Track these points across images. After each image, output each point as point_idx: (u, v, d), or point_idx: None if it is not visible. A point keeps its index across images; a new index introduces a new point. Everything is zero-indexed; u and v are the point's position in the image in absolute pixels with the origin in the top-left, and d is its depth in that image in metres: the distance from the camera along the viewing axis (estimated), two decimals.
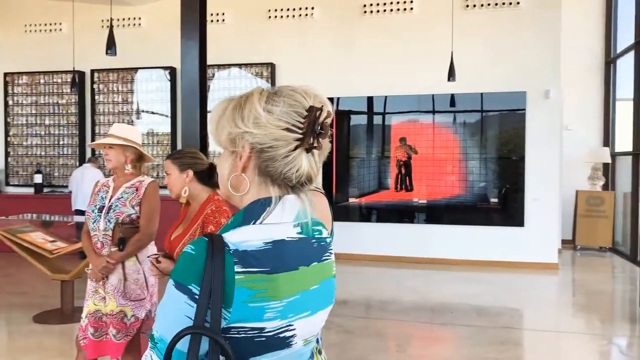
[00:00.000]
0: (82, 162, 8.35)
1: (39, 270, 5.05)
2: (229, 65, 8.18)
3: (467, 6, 7.47)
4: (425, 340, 4.92)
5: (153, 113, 8.55)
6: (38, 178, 8.62)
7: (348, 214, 7.92)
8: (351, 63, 7.80)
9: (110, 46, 6.05)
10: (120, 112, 8.60)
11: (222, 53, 7.74)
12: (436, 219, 7.74)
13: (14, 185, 8.98)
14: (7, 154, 9.01)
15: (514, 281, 6.88)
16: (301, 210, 1.03)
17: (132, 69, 8.49)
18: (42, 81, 8.86)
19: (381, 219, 7.93)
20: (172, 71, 8.30)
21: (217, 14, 8.15)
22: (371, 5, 7.79)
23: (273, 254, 0.97)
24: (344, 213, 7.86)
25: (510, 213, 7.52)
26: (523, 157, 7.40)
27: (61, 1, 8.29)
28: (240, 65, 8.19)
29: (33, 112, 8.91)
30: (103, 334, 2.87)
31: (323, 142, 1.02)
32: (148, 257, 2.73)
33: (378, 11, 7.77)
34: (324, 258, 1.09)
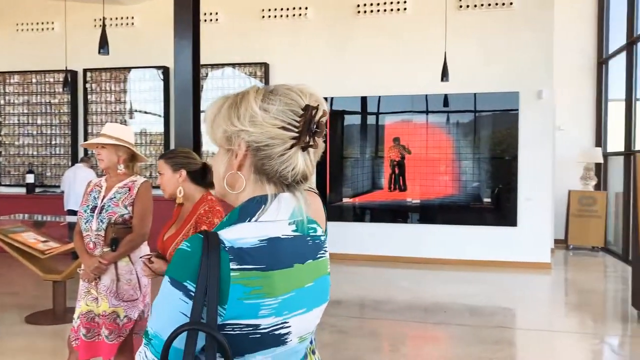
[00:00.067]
0: (75, 162, 8.30)
1: (31, 270, 5.01)
2: (223, 64, 8.16)
3: (461, 6, 7.50)
4: (419, 339, 4.92)
5: (146, 113, 8.51)
6: (30, 178, 8.57)
7: (342, 214, 7.92)
8: (345, 63, 7.80)
9: (102, 45, 6.02)
10: (113, 112, 8.56)
11: (216, 53, 7.73)
12: (429, 219, 7.76)
13: (6, 185, 8.91)
14: None
15: (507, 281, 6.91)
16: (296, 208, 1.03)
17: (125, 69, 8.46)
18: (35, 80, 8.81)
19: (375, 219, 7.94)
20: (166, 71, 8.27)
21: (211, 14, 8.13)
22: (365, 5, 7.79)
23: (268, 252, 0.97)
24: (338, 213, 7.87)
25: (503, 213, 7.54)
26: (516, 157, 7.43)
27: (53, 0, 8.24)
28: (233, 64, 8.17)
29: (25, 112, 8.86)
30: (95, 335, 2.85)
31: (318, 141, 1.02)
32: (140, 258, 2.71)
33: (372, 11, 7.78)
34: (319, 256, 1.09)
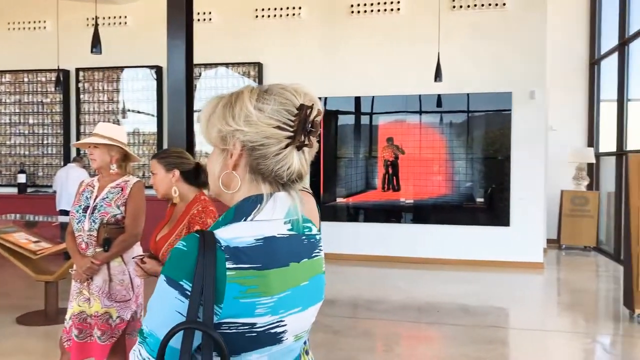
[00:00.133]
0: (67, 162, 8.26)
1: (23, 271, 4.98)
2: (216, 64, 8.14)
3: (454, 7, 7.51)
4: (412, 339, 4.93)
5: (139, 112, 8.48)
6: (22, 178, 8.51)
7: (335, 214, 7.92)
8: (338, 63, 7.80)
9: (95, 45, 5.99)
10: (105, 111, 8.52)
11: (209, 52, 7.71)
12: (423, 219, 7.77)
13: None
14: None
15: (500, 280, 6.93)
16: (292, 207, 1.04)
17: (118, 68, 8.42)
18: (26, 79, 8.75)
19: (368, 219, 7.94)
20: (158, 70, 8.24)
21: (204, 13, 8.11)
22: (358, 5, 7.79)
23: (264, 251, 0.97)
24: (332, 213, 7.86)
25: (496, 213, 7.57)
26: (509, 157, 7.46)
27: None
28: (227, 64, 8.15)
29: (17, 111, 8.79)
30: (87, 336, 2.84)
31: (313, 140, 1.03)
32: (133, 258, 2.70)
33: (365, 11, 7.78)
34: (314, 254, 1.10)
